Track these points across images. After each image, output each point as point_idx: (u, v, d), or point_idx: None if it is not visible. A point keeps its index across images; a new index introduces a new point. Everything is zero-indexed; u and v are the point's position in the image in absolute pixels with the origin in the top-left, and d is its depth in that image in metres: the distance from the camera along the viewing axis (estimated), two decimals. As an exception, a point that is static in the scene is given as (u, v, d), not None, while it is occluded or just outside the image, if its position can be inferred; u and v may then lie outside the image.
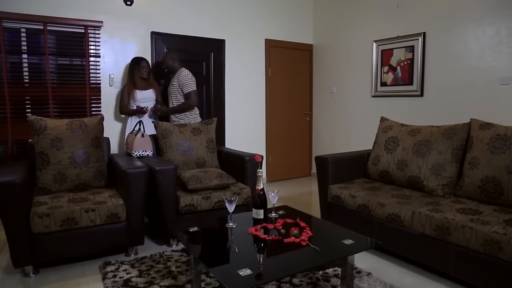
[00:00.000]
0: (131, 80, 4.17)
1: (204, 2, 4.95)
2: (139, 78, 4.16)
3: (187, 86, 4.05)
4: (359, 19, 5.19)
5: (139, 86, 4.15)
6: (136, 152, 3.49)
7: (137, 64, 4.17)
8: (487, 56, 3.79)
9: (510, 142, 2.61)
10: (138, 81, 4.15)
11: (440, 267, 2.50)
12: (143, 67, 4.17)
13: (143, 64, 4.18)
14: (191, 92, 4.06)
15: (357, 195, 3.07)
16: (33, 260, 2.58)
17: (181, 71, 4.12)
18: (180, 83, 4.07)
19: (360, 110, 5.26)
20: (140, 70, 4.16)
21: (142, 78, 4.18)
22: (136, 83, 4.14)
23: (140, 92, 4.13)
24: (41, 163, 2.97)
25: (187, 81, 4.05)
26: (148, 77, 4.25)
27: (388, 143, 3.40)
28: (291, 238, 2.04)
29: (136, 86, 4.13)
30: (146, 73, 4.19)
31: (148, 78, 4.25)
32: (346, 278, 2.11)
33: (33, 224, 2.51)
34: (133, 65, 4.19)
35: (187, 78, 4.06)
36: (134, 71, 4.16)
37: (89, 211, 2.68)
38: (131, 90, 4.13)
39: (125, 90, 4.16)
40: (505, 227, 2.21)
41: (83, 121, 3.18)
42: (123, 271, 2.66)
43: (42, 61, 4.01)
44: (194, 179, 3.18)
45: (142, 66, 4.17)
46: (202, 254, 1.97)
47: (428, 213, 2.54)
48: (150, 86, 4.25)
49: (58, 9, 3.99)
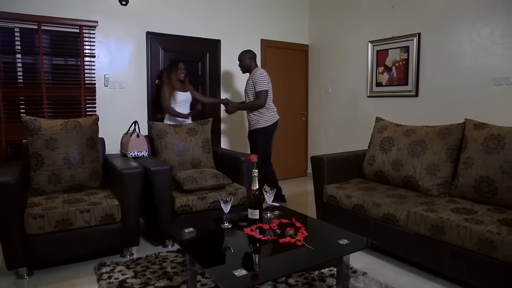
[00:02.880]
0: (169, 81, 4.22)
1: (200, 2, 4.94)
2: (177, 80, 4.23)
3: (259, 85, 4.12)
4: (355, 20, 5.21)
5: (177, 88, 4.22)
6: (131, 153, 3.48)
7: (175, 66, 4.25)
8: (481, 56, 3.81)
9: (503, 142, 2.63)
10: (176, 83, 4.22)
11: (435, 266, 2.51)
12: (180, 69, 4.24)
13: (180, 66, 4.25)
14: (262, 92, 4.13)
15: (352, 195, 3.08)
16: (27, 261, 2.56)
17: (256, 70, 4.23)
18: (254, 81, 4.16)
19: (356, 110, 5.27)
20: (178, 71, 4.23)
21: (179, 80, 4.24)
22: (174, 85, 4.21)
23: (180, 93, 4.21)
24: (35, 163, 2.95)
25: (260, 80, 4.12)
26: (185, 79, 4.31)
27: (383, 143, 3.41)
28: (287, 238, 2.04)
29: (174, 87, 4.21)
30: (183, 75, 4.26)
31: (185, 81, 4.32)
32: (341, 278, 2.12)
33: (27, 225, 2.50)
34: (171, 67, 4.30)
35: (260, 77, 4.14)
36: (171, 72, 4.23)
37: (84, 212, 2.66)
38: (172, 91, 4.18)
39: (166, 91, 4.19)
40: (499, 226, 2.22)
41: (77, 121, 3.16)
42: (118, 272, 2.65)
43: (36, 61, 3.99)
44: (190, 180, 3.17)
45: (180, 68, 4.24)
46: (198, 255, 1.97)
47: (423, 212, 2.55)
48: (186, 88, 4.34)
49: (53, 9, 3.96)
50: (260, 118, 4.24)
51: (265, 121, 4.24)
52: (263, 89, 4.12)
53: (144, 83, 4.63)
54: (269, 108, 4.26)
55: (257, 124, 4.26)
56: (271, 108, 4.29)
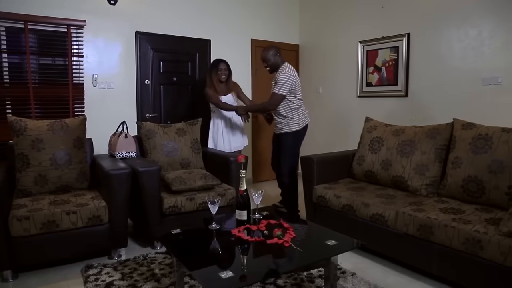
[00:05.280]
0: (211, 84, 4.10)
1: (190, 2, 4.91)
2: (218, 81, 4.08)
3: (278, 87, 3.59)
4: (345, 20, 5.21)
5: (219, 91, 4.08)
6: (119, 153, 3.44)
7: (215, 67, 4.09)
8: (470, 57, 3.83)
9: (491, 142, 2.64)
10: (217, 85, 4.08)
11: (423, 266, 2.52)
12: (221, 69, 4.07)
13: (221, 66, 4.07)
14: (277, 95, 3.61)
15: (341, 195, 3.08)
16: (12, 264, 2.52)
17: (282, 68, 3.65)
18: (276, 81, 3.65)
19: (346, 110, 5.28)
20: (218, 72, 4.06)
21: (220, 81, 4.10)
22: (215, 87, 4.07)
23: (222, 98, 4.07)
24: (21, 164, 2.91)
25: (282, 81, 3.57)
26: (227, 80, 4.15)
27: (372, 143, 3.41)
28: (274, 240, 2.02)
29: (217, 91, 4.07)
30: (224, 76, 4.09)
31: (227, 82, 4.16)
32: (329, 279, 2.11)
33: (12, 227, 2.46)
34: (211, 68, 4.14)
35: (284, 78, 3.57)
36: (212, 74, 4.09)
37: (70, 214, 2.63)
38: (215, 94, 4.06)
39: (211, 96, 4.07)
40: (486, 226, 2.23)
41: (64, 121, 3.12)
42: (105, 274, 2.62)
43: (23, 60, 3.93)
44: (178, 180, 3.15)
45: (220, 68, 4.07)
46: (184, 257, 1.95)
47: (412, 213, 2.56)
48: (229, 90, 4.17)
49: (40, 8, 3.90)
50: (288, 120, 3.72)
51: (295, 123, 3.71)
52: (280, 93, 3.59)
53: (133, 83, 4.59)
54: (299, 108, 3.73)
55: (285, 127, 3.74)
56: (302, 109, 3.77)
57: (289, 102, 3.68)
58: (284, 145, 3.76)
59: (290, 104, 3.69)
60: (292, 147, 3.77)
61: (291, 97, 3.66)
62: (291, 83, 3.58)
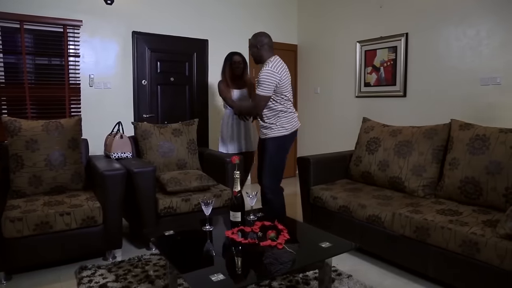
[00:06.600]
0: (224, 78, 3.90)
1: (187, 2, 4.89)
2: (232, 75, 3.89)
3: (259, 87, 3.03)
4: (343, 20, 5.19)
5: (231, 85, 3.88)
6: (115, 154, 3.42)
7: (229, 60, 3.89)
8: (468, 57, 3.81)
9: (489, 143, 2.61)
10: (229, 79, 3.88)
11: (420, 268, 2.49)
12: (235, 62, 3.85)
13: (235, 59, 3.85)
14: (260, 97, 3.05)
15: (338, 196, 3.05)
16: (5, 266, 2.51)
17: (267, 62, 3.08)
18: (258, 78, 3.08)
19: (344, 111, 5.26)
20: (233, 65, 3.85)
21: (235, 75, 3.90)
22: (228, 81, 3.87)
23: (235, 91, 3.88)
24: (15, 165, 2.89)
25: (263, 80, 3.00)
26: (243, 73, 3.93)
27: (369, 144, 3.39)
28: (268, 242, 2.00)
29: (228, 84, 3.87)
30: (239, 69, 3.88)
31: (243, 75, 3.94)
32: (324, 281, 2.08)
33: (5, 228, 2.44)
34: (226, 60, 3.93)
35: (264, 76, 3.00)
36: (226, 67, 3.89)
37: (64, 215, 2.61)
38: (227, 88, 3.87)
39: (222, 90, 3.89)
40: (483, 228, 2.21)
41: (59, 122, 3.10)
42: (99, 275, 2.60)
43: (19, 60, 3.91)
44: (174, 181, 3.13)
45: (235, 61, 3.85)
46: (175, 259, 1.92)
47: (408, 214, 2.53)
48: (244, 84, 3.94)
49: (36, 8, 3.89)
50: (272, 124, 3.15)
51: (281, 127, 3.15)
52: (262, 94, 3.02)
53: (130, 83, 4.56)
54: (287, 111, 3.17)
55: (270, 132, 3.16)
56: (290, 111, 3.19)
57: (275, 103, 3.11)
58: (268, 152, 3.17)
59: (276, 105, 3.12)
60: (276, 155, 3.17)
61: (277, 97, 3.09)
62: (274, 81, 3.00)
